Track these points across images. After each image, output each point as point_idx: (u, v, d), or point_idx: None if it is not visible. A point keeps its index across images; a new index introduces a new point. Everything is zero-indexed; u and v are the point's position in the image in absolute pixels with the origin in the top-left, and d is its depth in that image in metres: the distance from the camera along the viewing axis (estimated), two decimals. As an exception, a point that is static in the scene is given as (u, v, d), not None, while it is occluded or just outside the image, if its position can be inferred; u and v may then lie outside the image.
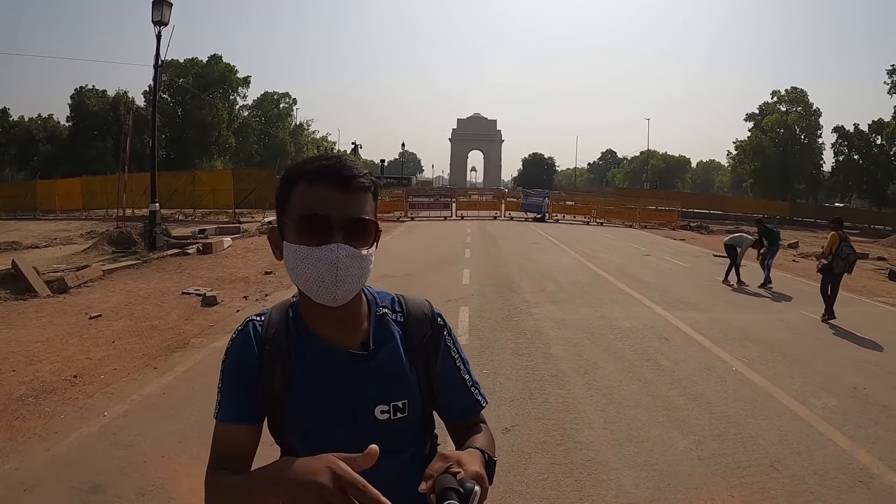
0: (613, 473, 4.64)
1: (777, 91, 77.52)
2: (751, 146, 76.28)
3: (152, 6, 18.04)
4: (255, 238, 21.71)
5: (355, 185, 1.31)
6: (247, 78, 76.91)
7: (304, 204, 1.30)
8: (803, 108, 75.68)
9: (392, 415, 1.42)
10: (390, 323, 1.49)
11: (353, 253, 1.29)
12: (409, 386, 1.46)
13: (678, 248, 26.34)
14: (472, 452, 1.29)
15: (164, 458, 4.62)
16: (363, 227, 1.31)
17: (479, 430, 1.54)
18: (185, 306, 10.15)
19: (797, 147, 74.22)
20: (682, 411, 6.08)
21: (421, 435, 1.54)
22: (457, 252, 19.45)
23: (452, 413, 1.58)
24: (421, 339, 1.50)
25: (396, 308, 1.53)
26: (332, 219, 1.28)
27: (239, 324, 1.48)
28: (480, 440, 1.46)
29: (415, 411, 1.46)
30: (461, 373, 1.57)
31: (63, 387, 6.24)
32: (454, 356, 1.57)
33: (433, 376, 1.51)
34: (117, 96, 65.98)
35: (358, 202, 1.32)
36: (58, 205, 37.53)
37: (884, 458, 5.16)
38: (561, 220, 40.97)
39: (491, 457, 1.37)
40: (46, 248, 19.51)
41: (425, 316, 1.55)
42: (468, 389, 1.58)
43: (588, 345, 8.61)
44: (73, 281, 11.46)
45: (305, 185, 1.31)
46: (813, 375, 7.60)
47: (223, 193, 33.19)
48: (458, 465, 1.18)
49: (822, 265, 11.67)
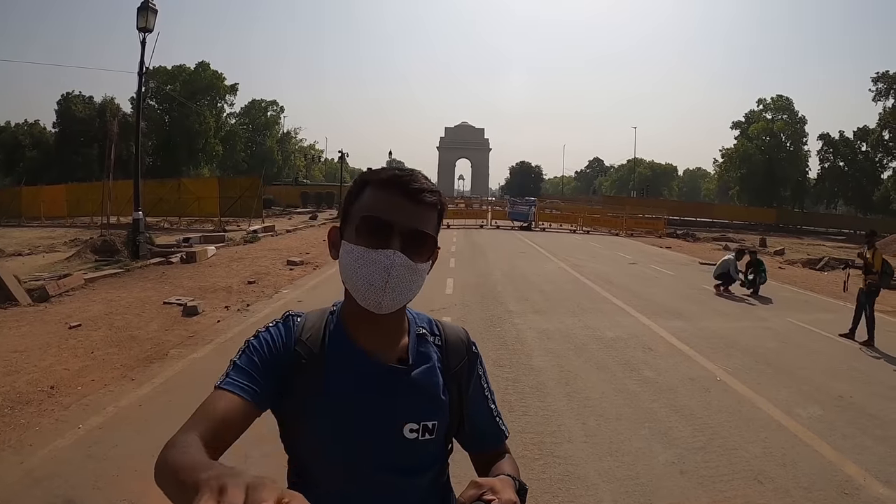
0: (592, 489, 4.57)
1: (763, 99, 78.48)
2: (737, 154, 77.03)
3: (137, 12, 17.91)
4: (240, 247, 21.65)
5: (423, 200, 1.32)
6: (234, 85, 76.96)
7: (370, 206, 1.32)
8: (789, 115, 76.57)
9: (420, 435, 1.39)
10: (429, 344, 1.49)
11: (407, 263, 1.29)
12: (442, 407, 1.45)
13: (664, 255, 26.43)
14: (504, 479, 1.27)
15: (136, 471, 4.52)
16: (423, 240, 1.32)
17: (503, 457, 1.55)
18: (165, 316, 10.04)
19: (783, 154, 74.96)
20: (664, 423, 6.03)
21: (441, 460, 1.51)
22: (441, 261, 19.14)
23: (476, 442, 1.58)
24: (457, 364, 1.50)
25: (435, 331, 1.53)
26: (394, 225, 1.29)
27: (279, 316, 1.46)
28: (508, 467, 1.46)
29: (441, 434, 1.45)
30: (489, 402, 1.58)
31: (40, 398, 6.15)
32: (484, 385, 1.58)
33: (464, 403, 1.51)
34: (104, 103, 65.87)
35: (422, 216, 1.33)
36: (43, 212, 37.16)
37: (870, 468, 5.13)
38: (547, 228, 41.25)
39: (522, 484, 1.36)
40: (30, 255, 19.34)
41: (462, 342, 1.55)
42: (494, 419, 1.58)
43: (570, 355, 8.56)
44: (54, 290, 11.32)
45: (375, 190, 1.34)
46: (799, 385, 7.59)
47: (209, 202, 33.07)
48: (491, 493, 1.17)
49: (869, 284, 10.29)
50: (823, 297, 15.35)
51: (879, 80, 64.90)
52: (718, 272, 15.34)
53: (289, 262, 17.48)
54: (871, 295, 10.26)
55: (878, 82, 65.11)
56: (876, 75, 65.12)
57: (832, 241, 44.03)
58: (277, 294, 12.61)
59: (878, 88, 65.16)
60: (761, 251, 25.80)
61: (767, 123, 75.98)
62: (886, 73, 64.65)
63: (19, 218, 36.87)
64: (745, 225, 57.39)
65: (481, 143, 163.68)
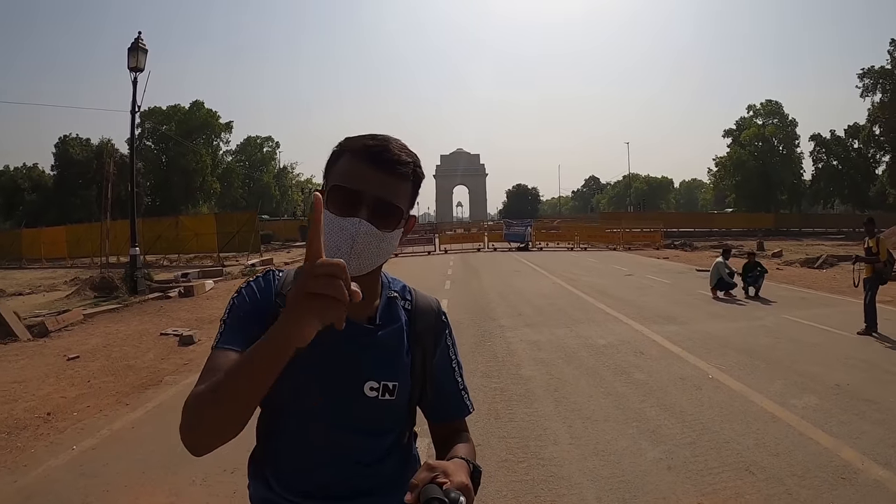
0: (576, 488, 4.57)
1: (752, 105, 79.20)
2: (731, 162, 77.39)
3: (128, 53, 18.19)
4: (238, 280, 21.59)
5: (394, 170, 1.36)
6: (229, 123, 77.72)
7: (341, 175, 1.37)
8: (779, 119, 77.15)
9: (380, 394, 1.44)
10: (399, 307, 1.54)
11: (372, 231, 1.33)
12: (404, 369, 1.49)
13: (661, 266, 26.38)
14: (457, 462, 1.29)
15: (126, 487, 4.64)
16: (389, 210, 1.36)
17: (462, 438, 1.56)
18: (162, 346, 10.11)
19: (776, 158, 75.37)
20: (653, 422, 6.02)
21: (402, 424, 1.55)
22: (437, 284, 19.33)
23: (438, 411, 1.61)
24: (424, 328, 1.56)
25: (406, 296, 1.59)
26: (362, 194, 1.34)
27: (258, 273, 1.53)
28: (464, 450, 1.48)
29: (402, 397, 1.48)
30: (454, 374, 1.62)
31: (36, 423, 6.29)
32: (451, 357, 1.63)
33: (427, 368, 1.55)
34: (101, 144, 66.18)
35: (392, 186, 1.37)
36: (43, 253, 37.41)
37: (868, 452, 5.08)
38: (545, 247, 41.16)
39: (476, 467, 1.37)
40: (30, 294, 19.51)
41: (432, 310, 1.61)
42: (458, 392, 1.62)
43: (561, 364, 8.55)
44: (53, 325, 11.47)
45: (348, 159, 1.38)
46: (794, 377, 7.55)
47: (207, 238, 33.11)
48: (444, 476, 1.17)
49: (878, 270, 10.42)
50: (821, 293, 15.34)
51: (866, 76, 65.24)
52: (715, 279, 15.37)
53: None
54: (874, 282, 10.35)
55: (864, 78, 65.44)
56: (862, 71, 65.53)
57: (831, 241, 43.95)
58: (273, 321, 12.57)
59: (865, 84, 65.53)
60: (759, 254, 25.78)
61: (759, 129, 76.50)
62: (872, 68, 65.02)
63: (20, 260, 37.19)
64: (744, 231, 57.29)
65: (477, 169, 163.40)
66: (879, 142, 68.30)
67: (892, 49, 62.87)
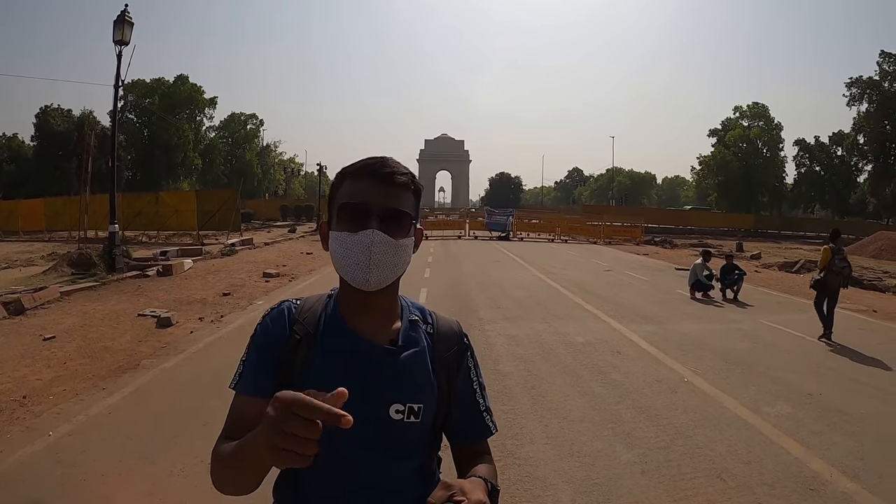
0: (551, 489, 4.60)
1: (739, 106, 79.66)
2: (714, 161, 77.93)
3: (114, 25, 17.86)
4: (217, 260, 21.61)
5: (394, 181, 1.40)
6: (213, 99, 76.90)
7: (347, 195, 1.41)
8: (765, 122, 77.75)
9: (406, 416, 1.43)
10: (421, 330, 1.54)
11: (387, 240, 1.36)
12: (429, 392, 1.48)
13: (641, 262, 26.56)
14: (474, 481, 1.30)
15: (103, 476, 4.60)
16: (398, 217, 1.40)
17: (483, 460, 1.55)
18: (139, 328, 10.03)
19: (760, 160, 76.06)
20: (628, 424, 6.06)
21: (428, 448, 1.54)
22: (416, 271, 19.21)
23: (460, 434, 1.60)
24: (447, 352, 1.55)
25: (428, 319, 1.59)
26: (369, 206, 1.37)
27: (274, 304, 1.55)
28: (484, 470, 1.46)
29: (427, 419, 1.48)
30: (477, 395, 1.60)
31: (11, 407, 6.19)
32: (473, 378, 1.61)
33: (452, 391, 1.54)
34: (82, 116, 65.25)
35: (396, 195, 1.40)
36: (20, 226, 36.80)
37: (837, 464, 5.16)
38: (525, 238, 41.29)
39: (494, 486, 1.38)
40: (6, 269, 19.12)
41: (454, 332, 1.61)
42: (480, 413, 1.60)
43: (538, 360, 8.58)
44: (29, 303, 11.31)
45: (351, 180, 1.42)
46: (768, 384, 7.64)
47: (187, 215, 32.73)
48: (461, 494, 1.18)
49: (813, 280, 11.09)
50: (797, 299, 15.42)
51: (853, 85, 65.71)
52: (693, 280, 15.50)
53: (265, 275, 17.48)
54: (820, 293, 10.80)
55: (851, 87, 65.94)
56: (850, 80, 65.98)
57: (810, 245, 44.16)
58: (251, 305, 12.57)
59: (853, 93, 65.99)
60: (738, 256, 25.96)
61: (744, 130, 77.09)
62: (860, 77, 65.53)
63: (-3, 232, 36.58)
64: (724, 231, 57.65)
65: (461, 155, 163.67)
66: (863, 151, 68.96)
67: (881, 60, 63.34)
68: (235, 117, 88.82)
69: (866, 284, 19.11)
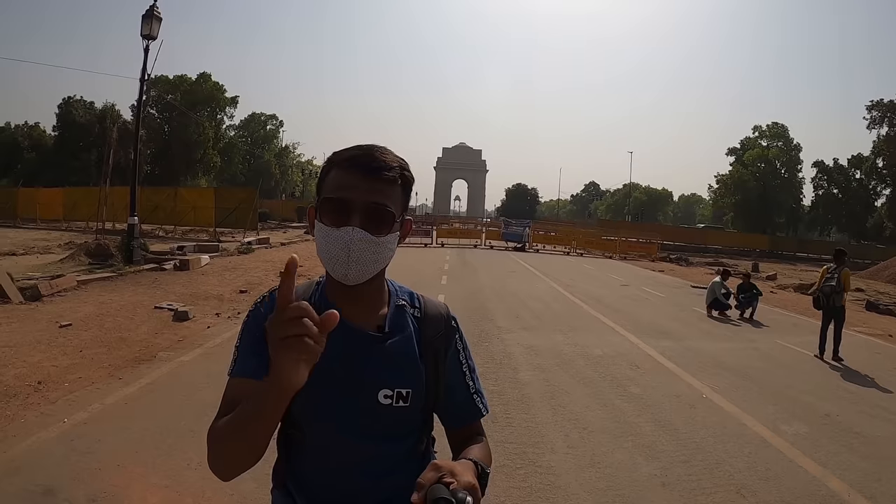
0: (573, 498, 4.57)
1: (758, 126, 79.44)
2: (732, 180, 77.53)
3: (142, 20, 17.98)
4: (234, 257, 21.57)
5: (380, 176, 1.39)
6: (234, 98, 77.30)
7: (331, 188, 1.41)
8: (784, 142, 77.39)
9: (395, 401, 1.46)
10: (408, 315, 1.56)
11: (366, 238, 1.36)
12: (417, 376, 1.50)
13: (656, 279, 26.44)
14: (465, 463, 1.31)
15: (118, 466, 4.56)
16: (380, 215, 1.39)
17: (476, 441, 1.57)
18: (156, 320, 10.04)
19: (777, 181, 75.64)
20: (648, 437, 6.03)
21: (419, 431, 1.56)
22: (433, 278, 19.37)
23: (452, 416, 1.62)
24: (434, 335, 1.57)
25: (415, 303, 1.60)
26: (352, 203, 1.37)
27: (265, 291, 1.60)
28: (476, 452, 1.48)
29: (417, 403, 1.49)
30: (466, 377, 1.62)
31: (26, 392, 6.17)
32: (462, 360, 1.62)
33: (440, 374, 1.55)
34: (104, 108, 65.88)
35: (381, 191, 1.39)
36: (39, 214, 37.16)
37: (855, 484, 5.13)
38: (541, 249, 41.10)
39: (484, 468, 1.38)
40: (24, 255, 19.33)
41: (441, 315, 1.62)
42: (471, 395, 1.62)
43: (557, 371, 8.55)
44: (46, 289, 11.33)
45: (337, 171, 1.42)
46: (785, 403, 7.61)
47: (205, 211, 32.96)
48: (450, 476, 1.17)
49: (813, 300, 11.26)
50: (813, 321, 15.14)
51: (874, 108, 65.61)
52: (710, 298, 15.40)
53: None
54: (824, 314, 10.90)
55: (872, 110, 65.85)
56: (871, 103, 65.94)
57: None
58: (269, 303, 12.50)
59: (873, 116, 65.97)
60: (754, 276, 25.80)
61: (763, 150, 76.75)
62: (881, 101, 65.45)
63: (15, 219, 36.83)
64: (740, 251, 57.35)
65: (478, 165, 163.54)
66: (881, 174, 68.77)
67: (902, 83, 63.14)
68: (255, 117, 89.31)
69: (882, 309, 18.91)
